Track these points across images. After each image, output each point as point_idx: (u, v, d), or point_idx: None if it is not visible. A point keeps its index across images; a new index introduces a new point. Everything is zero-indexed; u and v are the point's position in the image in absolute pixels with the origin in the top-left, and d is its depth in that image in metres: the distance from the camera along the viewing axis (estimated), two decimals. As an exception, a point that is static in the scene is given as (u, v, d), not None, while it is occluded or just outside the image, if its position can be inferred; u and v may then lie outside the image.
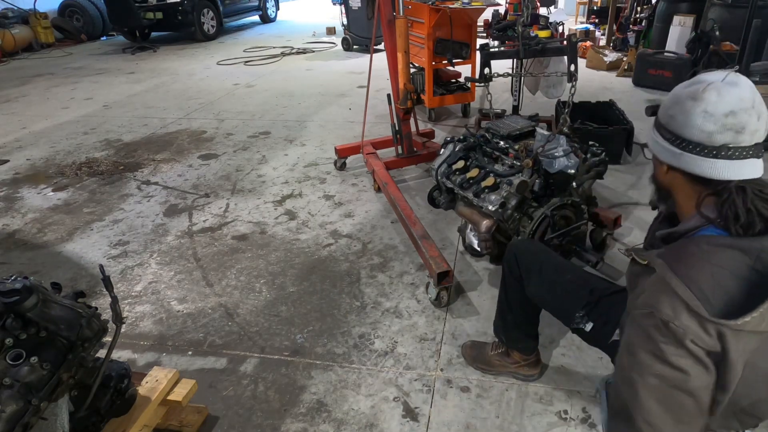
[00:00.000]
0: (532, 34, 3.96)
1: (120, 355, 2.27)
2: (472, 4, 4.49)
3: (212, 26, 10.44)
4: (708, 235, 1.12)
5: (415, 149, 3.83)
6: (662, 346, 1.03)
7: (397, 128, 3.73)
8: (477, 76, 4.24)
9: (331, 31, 10.65)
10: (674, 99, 1.16)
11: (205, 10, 10.15)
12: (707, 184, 1.12)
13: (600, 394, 1.82)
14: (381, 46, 6.11)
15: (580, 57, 5.82)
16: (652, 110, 1.32)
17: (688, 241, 1.15)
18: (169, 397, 1.78)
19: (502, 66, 3.75)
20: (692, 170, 1.12)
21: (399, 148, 3.80)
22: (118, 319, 1.50)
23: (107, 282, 1.47)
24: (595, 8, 9.46)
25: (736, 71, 1.13)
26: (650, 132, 1.25)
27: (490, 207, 2.35)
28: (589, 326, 1.55)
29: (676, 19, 6.12)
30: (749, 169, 1.08)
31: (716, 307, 1.00)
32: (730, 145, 1.07)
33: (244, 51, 9.15)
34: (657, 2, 6.84)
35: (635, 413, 1.08)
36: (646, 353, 1.06)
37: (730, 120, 1.06)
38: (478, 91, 5.32)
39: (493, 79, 3.23)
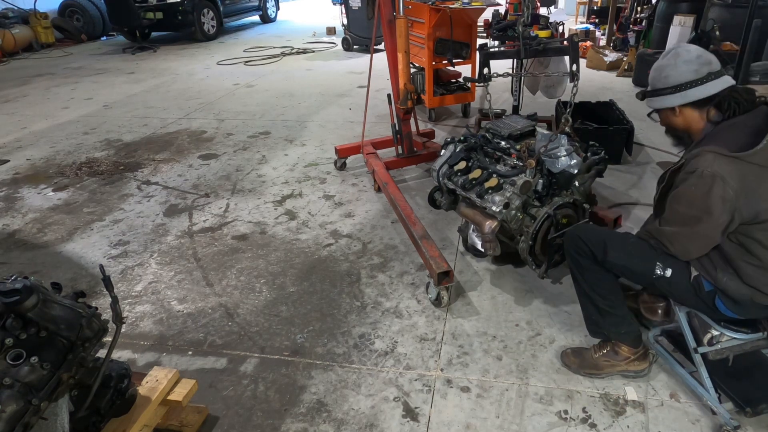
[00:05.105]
0: (533, 34, 3.95)
1: (120, 355, 2.27)
2: (472, 4, 4.49)
3: (212, 26, 10.44)
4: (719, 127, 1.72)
5: (415, 149, 3.83)
6: (701, 189, 1.58)
7: (397, 128, 3.73)
8: (477, 76, 4.24)
9: (331, 31, 10.65)
10: (659, 69, 1.78)
11: (205, 10, 10.15)
12: (709, 102, 1.71)
13: (655, 347, 2.10)
14: (381, 46, 6.11)
15: (581, 57, 5.81)
16: (643, 94, 1.89)
17: (708, 135, 1.71)
18: (169, 397, 1.78)
19: (502, 66, 3.75)
20: (698, 97, 1.70)
21: (399, 148, 3.80)
22: (118, 319, 1.50)
23: (107, 282, 1.47)
24: (595, 8, 9.46)
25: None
26: (653, 102, 1.83)
27: (494, 208, 2.34)
28: (669, 272, 1.78)
29: (677, 19, 6.12)
30: (726, 81, 1.71)
31: (736, 150, 1.56)
32: (710, 72, 1.70)
33: (244, 51, 9.15)
34: (657, 2, 6.84)
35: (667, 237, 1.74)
36: (688, 196, 1.64)
37: (702, 59, 1.71)
38: (478, 91, 5.32)
39: (493, 79, 3.23)
